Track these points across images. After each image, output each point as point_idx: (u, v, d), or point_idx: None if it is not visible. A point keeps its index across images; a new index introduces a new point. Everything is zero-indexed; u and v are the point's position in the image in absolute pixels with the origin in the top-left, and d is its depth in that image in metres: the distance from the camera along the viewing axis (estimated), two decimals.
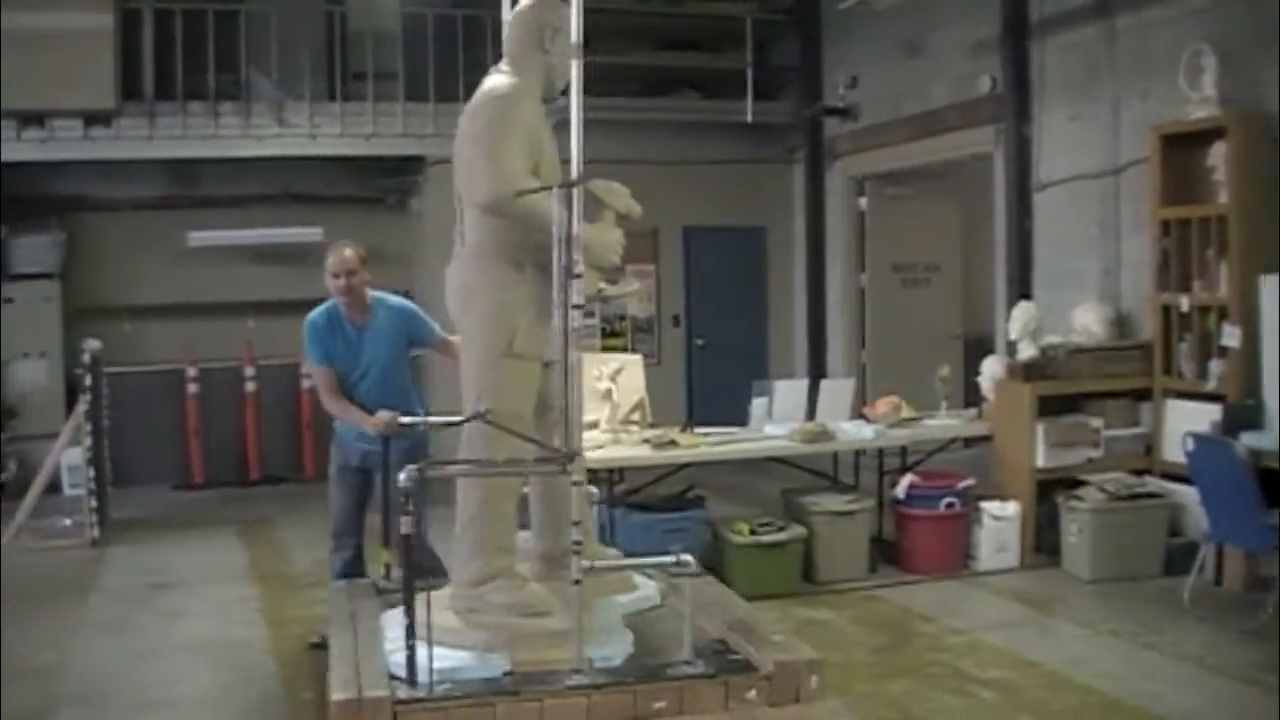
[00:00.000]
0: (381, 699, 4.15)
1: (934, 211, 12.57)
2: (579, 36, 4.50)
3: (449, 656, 4.42)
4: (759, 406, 8.33)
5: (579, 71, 4.49)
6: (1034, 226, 9.88)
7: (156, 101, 11.44)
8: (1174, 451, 7.78)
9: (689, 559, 4.59)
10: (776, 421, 8.24)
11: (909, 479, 8.20)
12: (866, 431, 8.30)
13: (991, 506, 8.17)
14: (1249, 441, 6.88)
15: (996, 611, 7.37)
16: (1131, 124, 8.82)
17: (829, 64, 12.71)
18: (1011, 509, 8.17)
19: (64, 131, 11.21)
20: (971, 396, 9.38)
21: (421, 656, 4.29)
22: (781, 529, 7.81)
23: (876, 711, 5.62)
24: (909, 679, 6.08)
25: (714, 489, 8.63)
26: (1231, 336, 7.65)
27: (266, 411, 12.23)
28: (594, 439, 7.46)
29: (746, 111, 12.60)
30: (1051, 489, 8.19)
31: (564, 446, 4.53)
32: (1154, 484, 8.07)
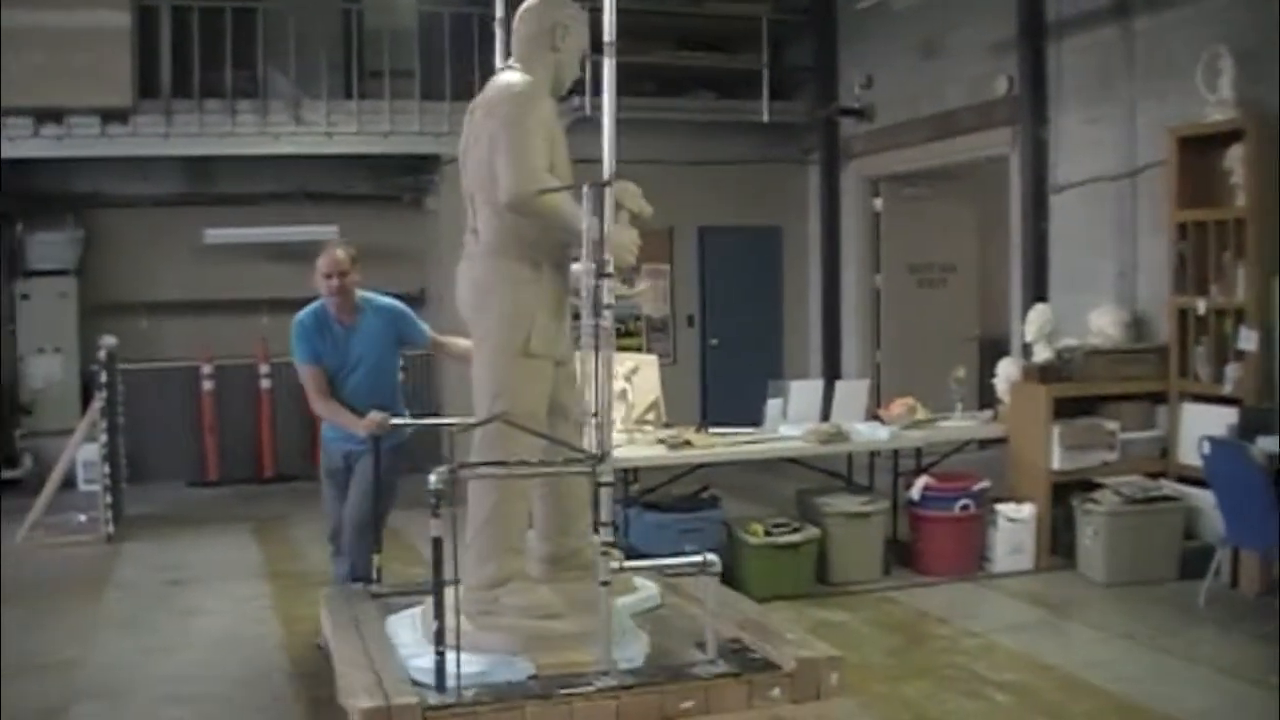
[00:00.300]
0: (411, 706, 4.10)
1: (950, 213, 12.54)
2: (612, 36, 4.46)
3: (472, 661, 4.37)
4: (774, 407, 8.32)
5: (611, 71, 4.46)
6: (1050, 228, 9.86)
7: (173, 99, 11.48)
8: (1190, 455, 7.76)
9: (714, 559, 4.57)
10: (791, 422, 8.23)
11: (924, 480, 8.18)
12: (881, 433, 8.29)
13: (1006, 509, 8.15)
14: (1265, 445, 6.84)
15: (1011, 614, 7.35)
16: (1148, 126, 8.80)
17: (845, 64, 12.70)
18: (1027, 511, 8.15)
19: (81, 129, 11.26)
20: (987, 398, 9.36)
21: (449, 662, 4.22)
22: (796, 530, 7.80)
23: (892, 714, 5.61)
24: (924, 681, 6.06)
25: (728, 489, 8.62)
26: (1248, 340, 7.63)
27: (281, 409, 12.23)
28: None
29: (762, 111, 12.60)
30: (1067, 491, 8.17)
31: (593, 448, 4.48)
32: (1170, 487, 8.04)
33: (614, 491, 7.92)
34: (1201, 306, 8.01)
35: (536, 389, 4.82)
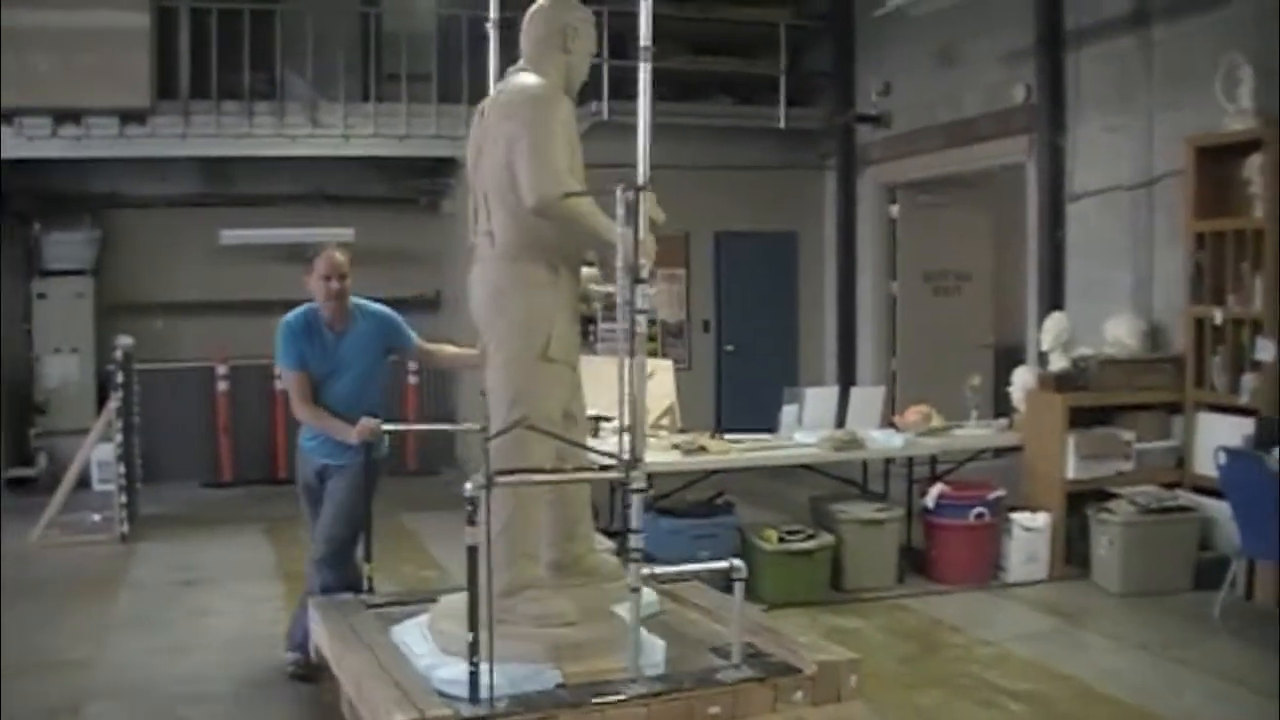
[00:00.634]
0: (446, 718, 4.03)
1: (966, 220, 12.51)
2: (648, 40, 4.39)
3: (498, 671, 4.20)
4: (789, 413, 8.32)
5: (647, 74, 4.39)
6: (1067, 237, 9.83)
7: (191, 100, 11.53)
8: (1205, 465, 7.73)
9: (740, 564, 4.54)
10: (806, 428, 8.23)
11: (938, 488, 8.16)
12: (896, 440, 8.28)
13: (1021, 517, 8.13)
14: None
15: (1025, 623, 7.33)
16: (1166, 135, 8.76)
17: (862, 71, 12.69)
18: (1041, 520, 8.13)
19: (99, 129, 11.31)
20: (1002, 406, 9.33)
21: (483, 673, 4.11)
22: (810, 537, 7.80)
23: None
24: (938, 690, 6.06)
25: (742, 495, 8.61)
26: (1265, 350, 7.60)
27: None
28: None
29: (780, 117, 12.60)
30: (1082, 501, 8.15)
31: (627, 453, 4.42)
32: (1185, 497, 8.02)
33: (627, 496, 7.96)
34: (1218, 316, 7.99)
35: (555, 395, 4.75)
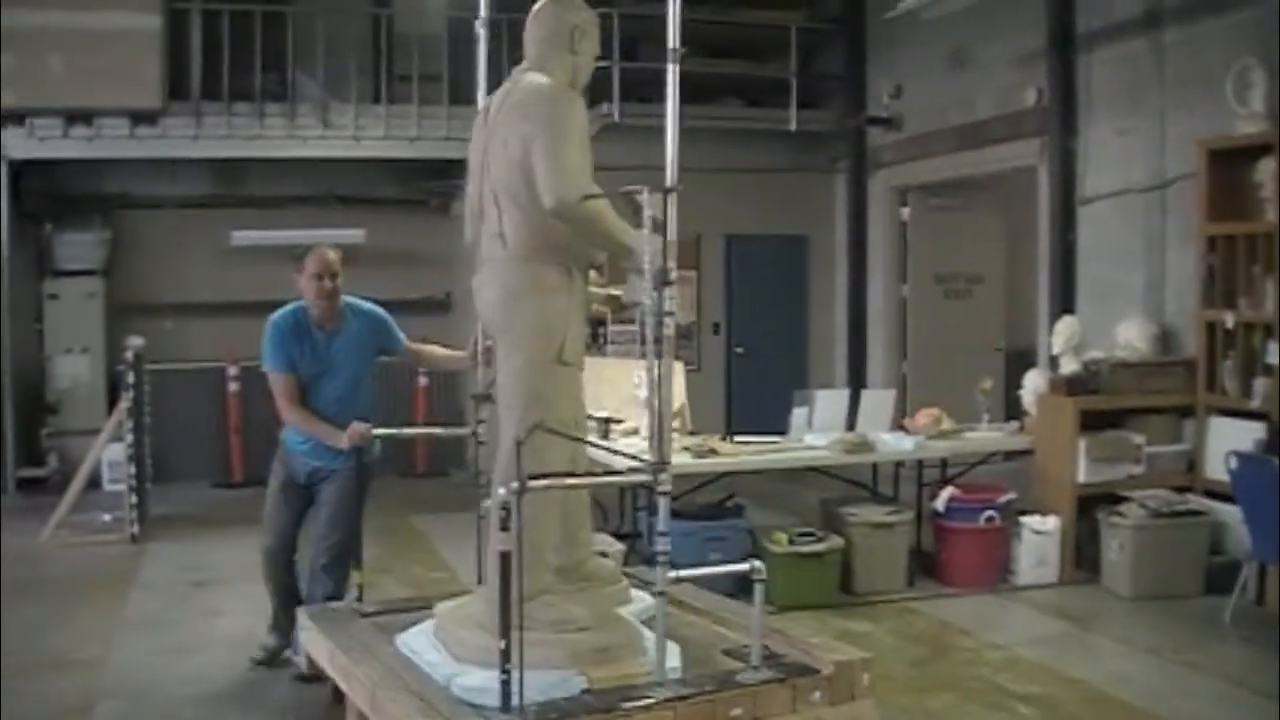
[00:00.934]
0: None
1: (977, 223, 12.51)
2: (677, 42, 4.31)
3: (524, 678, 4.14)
4: (799, 416, 8.31)
5: (674, 76, 4.30)
6: (1078, 240, 9.83)
7: (203, 101, 11.56)
8: (1217, 469, 7.70)
9: (760, 566, 4.54)
10: (817, 431, 8.22)
11: (949, 491, 8.15)
12: (907, 443, 8.27)
13: (1032, 521, 8.11)
14: None
15: (1035, 627, 7.32)
16: (1178, 139, 8.75)
17: (874, 73, 12.69)
18: (1052, 524, 8.11)
19: (111, 130, 11.36)
20: (1013, 410, 9.32)
21: (514, 682, 4.03)
22: (820, 539, 7.78)
23: None
24: (948, 693, 6.04)
25: (753, 497, 8.61)
26: (1276, 354, 7.58)
27: None
28: (634, 445, 7.43)
29: (791, 120, 12.61)
30: (1092, 504, 8.13)
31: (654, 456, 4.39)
32: (1196, 502, 7.99)
33: (636, 499, 7.96)
34: (1230, 320, 7.97)
35: (571, 397, 4.72)
